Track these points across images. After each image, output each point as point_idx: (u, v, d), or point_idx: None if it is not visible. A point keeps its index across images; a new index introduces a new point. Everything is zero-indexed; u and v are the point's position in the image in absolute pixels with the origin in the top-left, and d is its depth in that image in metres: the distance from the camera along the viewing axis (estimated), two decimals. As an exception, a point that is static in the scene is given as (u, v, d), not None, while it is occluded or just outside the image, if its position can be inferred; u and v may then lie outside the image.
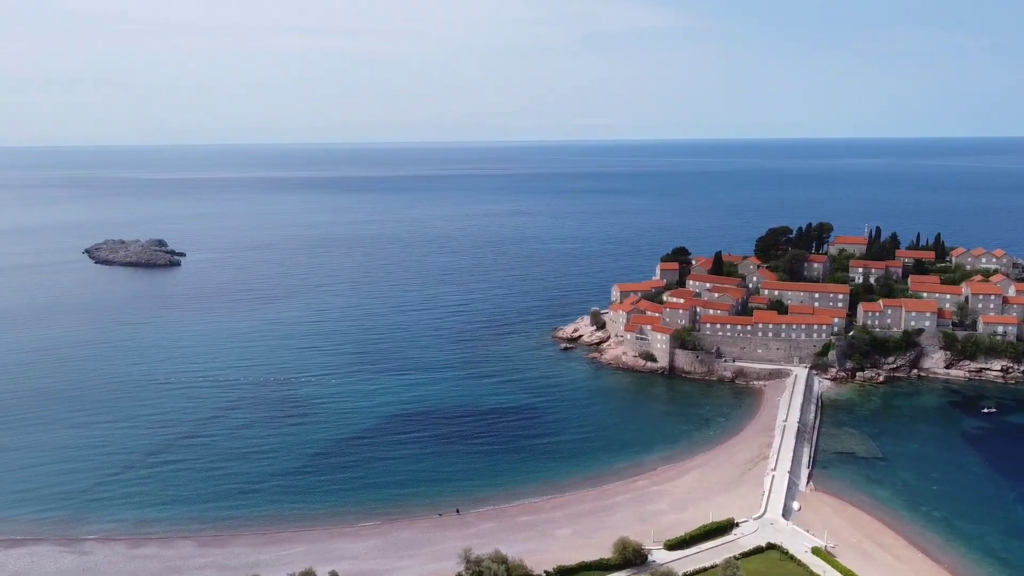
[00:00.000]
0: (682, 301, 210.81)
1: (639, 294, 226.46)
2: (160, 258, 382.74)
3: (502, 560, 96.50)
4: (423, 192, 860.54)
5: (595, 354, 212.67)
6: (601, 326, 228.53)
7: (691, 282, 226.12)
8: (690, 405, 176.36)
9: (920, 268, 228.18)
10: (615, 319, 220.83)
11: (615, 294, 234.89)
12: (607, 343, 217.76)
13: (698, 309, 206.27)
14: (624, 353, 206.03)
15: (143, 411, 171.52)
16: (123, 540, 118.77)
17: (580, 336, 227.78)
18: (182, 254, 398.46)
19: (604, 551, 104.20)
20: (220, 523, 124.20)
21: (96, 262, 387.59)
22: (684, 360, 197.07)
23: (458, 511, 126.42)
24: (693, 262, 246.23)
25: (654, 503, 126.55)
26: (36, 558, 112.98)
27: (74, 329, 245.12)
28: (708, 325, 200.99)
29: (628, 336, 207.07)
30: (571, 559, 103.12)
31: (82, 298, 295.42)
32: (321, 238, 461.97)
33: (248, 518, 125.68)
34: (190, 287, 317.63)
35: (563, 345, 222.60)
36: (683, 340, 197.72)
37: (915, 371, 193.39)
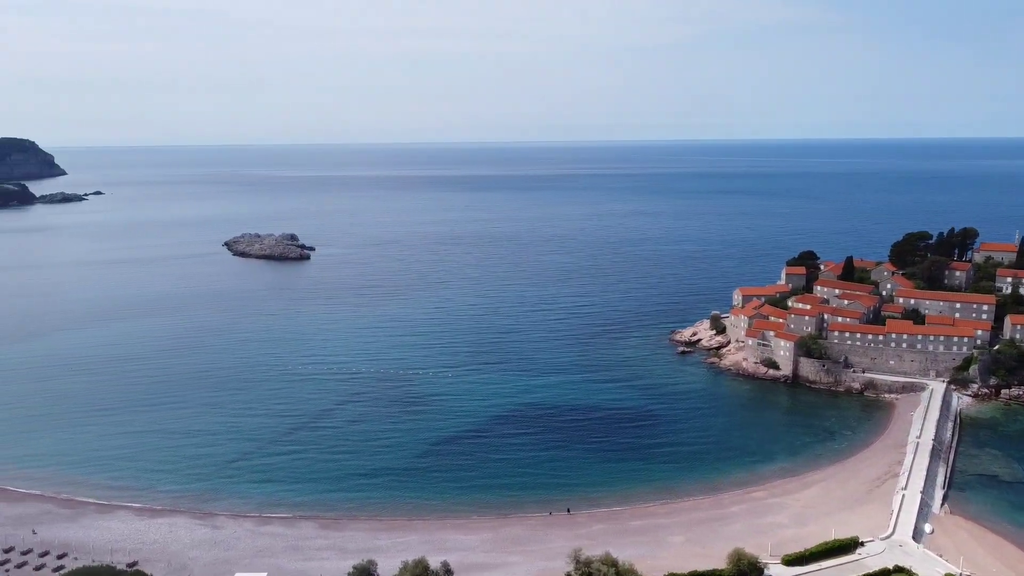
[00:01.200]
0: (809, 307, 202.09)
1: (762, 299, 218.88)
2: (291, 251, 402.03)
3: (612, 563, 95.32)
4: (543, 191, 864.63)
5: (714, 359, 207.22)
6: (721, 330, 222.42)
7: (819, 288, 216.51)
8: (814, 416, 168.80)
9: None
10: (736, 323, 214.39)
11: (737, 298, 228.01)
12: (727, 348, 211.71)
13: (826, 316, 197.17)
14: (745, 359, 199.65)
15: (272, 397, 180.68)
16: (251, 518, 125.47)
17: (699, 340, 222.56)
18: (312, 248, 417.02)
19: (717, 561, 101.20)
20: (339, 507, 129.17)
21: (234, 254, 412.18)
22: (809, 369, 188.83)
23: (569, 511, 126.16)
24: (821, 267, 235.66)
25: (772, 515, 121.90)
26: (174, 528, 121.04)
27: (213, 317, 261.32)
28: (836, 333, 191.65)
29: (750, 342, 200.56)
30: (683, 567, 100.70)
31: (221, 288, 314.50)
32: (443, 236, 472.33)
33: (365, 504, 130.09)
34: (317, 281, 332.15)
35: (681, 349, 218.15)
36: (808, 348, 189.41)
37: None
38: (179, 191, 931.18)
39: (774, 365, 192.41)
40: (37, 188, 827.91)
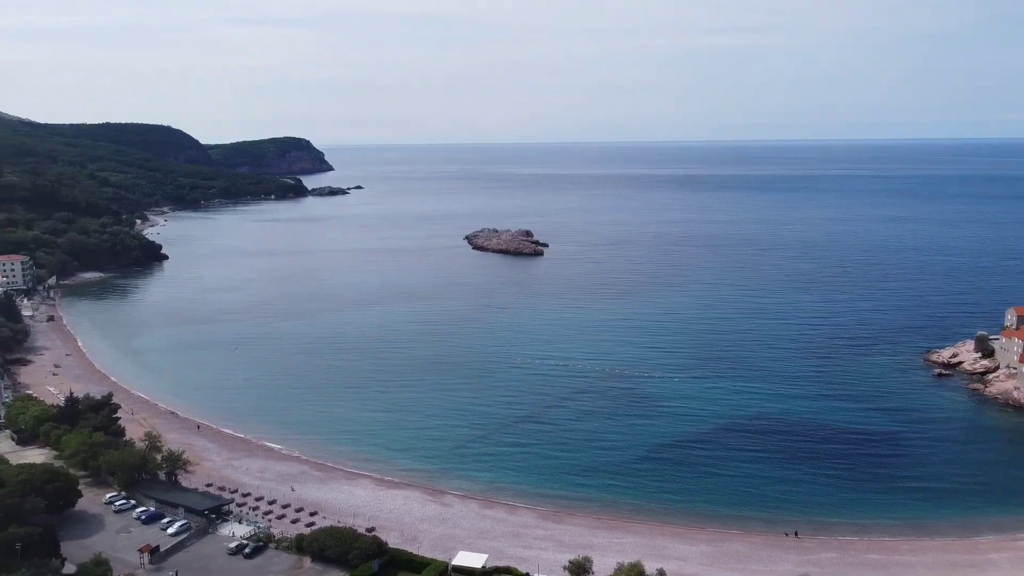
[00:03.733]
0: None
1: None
2: (526, 247, 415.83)
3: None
4: (786, 192, 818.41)
5: (978, 385, 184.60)
6: (988, 354, 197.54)
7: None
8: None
9: None
10: (1008, 347, 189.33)
11: (1010, 318, 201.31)
12: (995, 374, 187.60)
13: None
14: (1017, 388, 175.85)
15: (501, 387, 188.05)
16: (477, 500, 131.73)
17: (960, 363, 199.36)
18: (545, 245, 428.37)
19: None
20: (558, 500, 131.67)
21: (473, 248, 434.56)
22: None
23: (797, 534, 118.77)
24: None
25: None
26: (408, 501, 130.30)
27: (453, 307, 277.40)
28: None
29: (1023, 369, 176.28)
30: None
31: (461, 280, 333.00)
32: (677, 236, 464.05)
33: (584, 501, 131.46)
34: (549, 276, 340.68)
35: (937, 371, 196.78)
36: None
37: None
38: (427, 187, 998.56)
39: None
40: (309, 182, 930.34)
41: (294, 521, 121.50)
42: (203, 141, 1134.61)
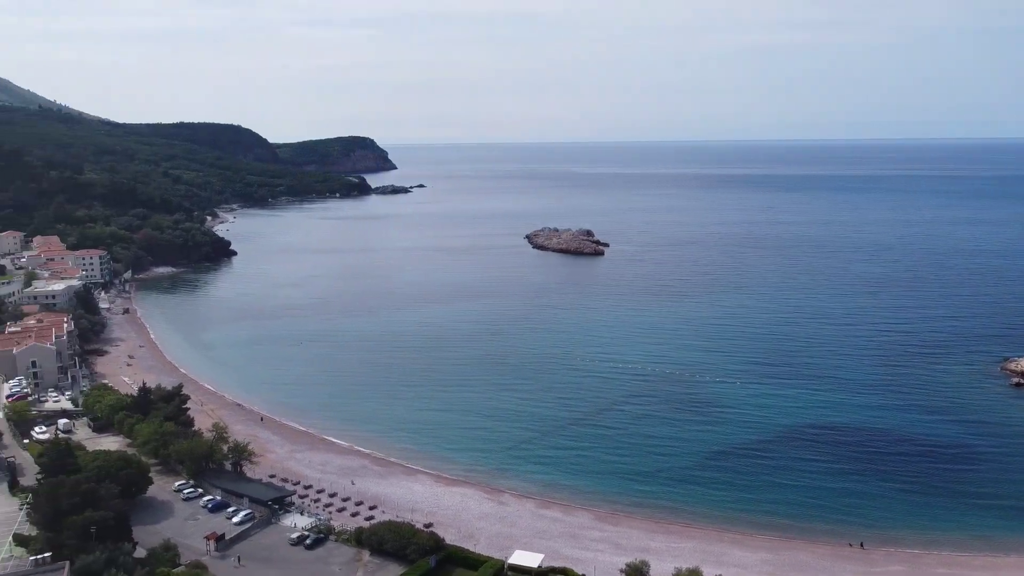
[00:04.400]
0: None
1: None
2: (586, 247, 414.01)
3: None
4: (856, 193, 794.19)
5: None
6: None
7: None
8: None
9: None
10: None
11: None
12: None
13: None
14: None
15: (558, 387, 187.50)
16: (533, 499, 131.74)
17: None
18: (606, 244, 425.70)
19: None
20: (615, 503, 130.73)
21: (533, 247, 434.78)
22: None
23: (863, 545, 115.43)
24: None
25: None
26: (465, 499, 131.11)
27: (512, 306, 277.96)
28: None
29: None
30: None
31: (520, 279, 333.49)
32: (741, 238, 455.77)
33: (641, 504, 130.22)
34: (609, 277, 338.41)
35: (1015, 380, 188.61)
36: None
37: None
38: (488, 185, 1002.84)
39: None
40: (373, 180, 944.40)
41: (354, 514, 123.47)
42: (271, 140, 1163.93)
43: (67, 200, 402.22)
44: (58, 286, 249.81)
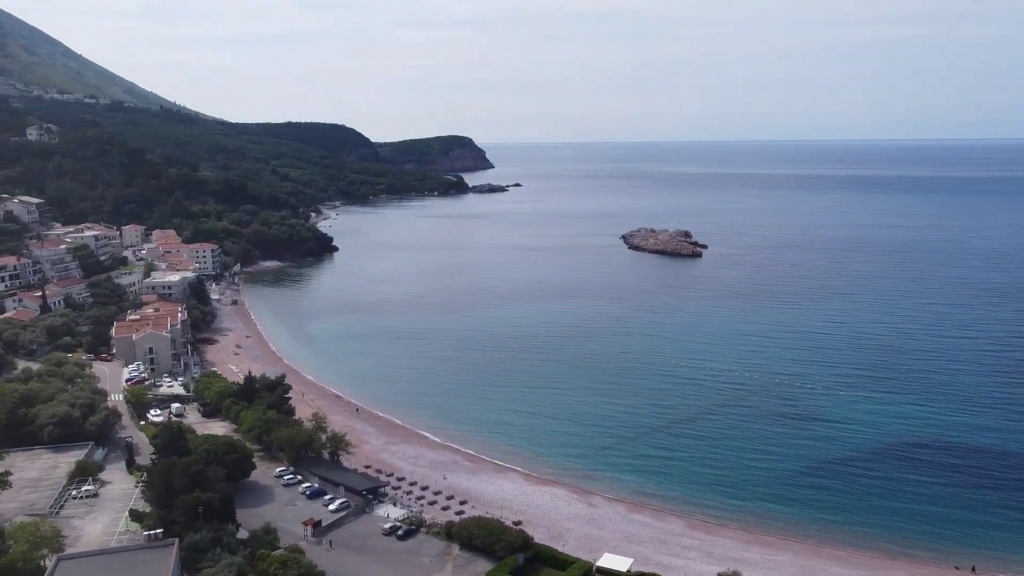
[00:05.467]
0: None
1: None
2: (684, 248, 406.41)
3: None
4: (982, 196, 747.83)
5: None
6: None
7: None
8: None
9: None
10: None
11: None
12: None
13: None
14: None
15: (650, 391, 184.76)
16: (624, 503, 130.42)
17: None
18: (704, 246, 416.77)
19: None
20: (708, 510, 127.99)
21: (629, 247, 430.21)
22: None
23: (974, 569, 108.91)
24: None
25: None
26: (554, 499, 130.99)
27: (606, 307, 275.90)
28: None
29: None
30: None
31: (615, 280, 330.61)
32: (848, 241, 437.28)
33: (735, 512, 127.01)
34: (706, 280, 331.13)
35: None
36: None
37: None
38: (586, 185, 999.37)
39: None
40: (471, 179, 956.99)
41: (444, 508, 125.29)
42: (373, 139, 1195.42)
43: (184, 196, 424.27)
44: (174, 277, 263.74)
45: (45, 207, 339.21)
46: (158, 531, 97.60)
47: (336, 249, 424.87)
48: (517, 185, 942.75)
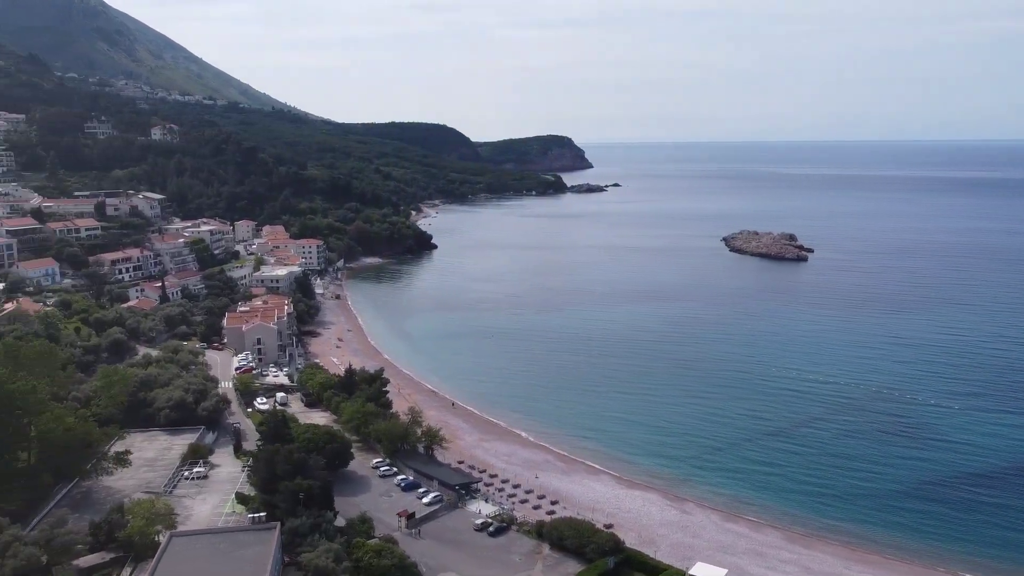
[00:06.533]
0: None
1: None
2: (788, 252, 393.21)
3: None
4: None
5: None
6: None
7: None
8: None
9: None
10: None
11: None
12: None
13: None
14: None
15: (749, 399, 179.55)
16: (718, 512, 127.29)
17: None
18: (810, 250, 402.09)
19: None
20: (808, 524, 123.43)
21: (730, 250, 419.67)
22: None
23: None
24: None
25: None
26: (647, 504, 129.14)
27: (703, 310, 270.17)
28: None
29: None
30: None
31: (714, 283, 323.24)
32: (968, 247, 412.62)
33: (837, 528, 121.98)
34: (812, 285, 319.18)
35: None
36: None
37: None
38: (688, 185, 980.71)
39: None
40: (569, 179, 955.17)
41: (535, 507, 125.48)
42: (474, 139, 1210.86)
43: (292, 193, 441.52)
44: (281, 271, 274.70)
45: (166, 203, 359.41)
46: (261, 514, 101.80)
47: (435, 247, 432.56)
48: (616, 185, 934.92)
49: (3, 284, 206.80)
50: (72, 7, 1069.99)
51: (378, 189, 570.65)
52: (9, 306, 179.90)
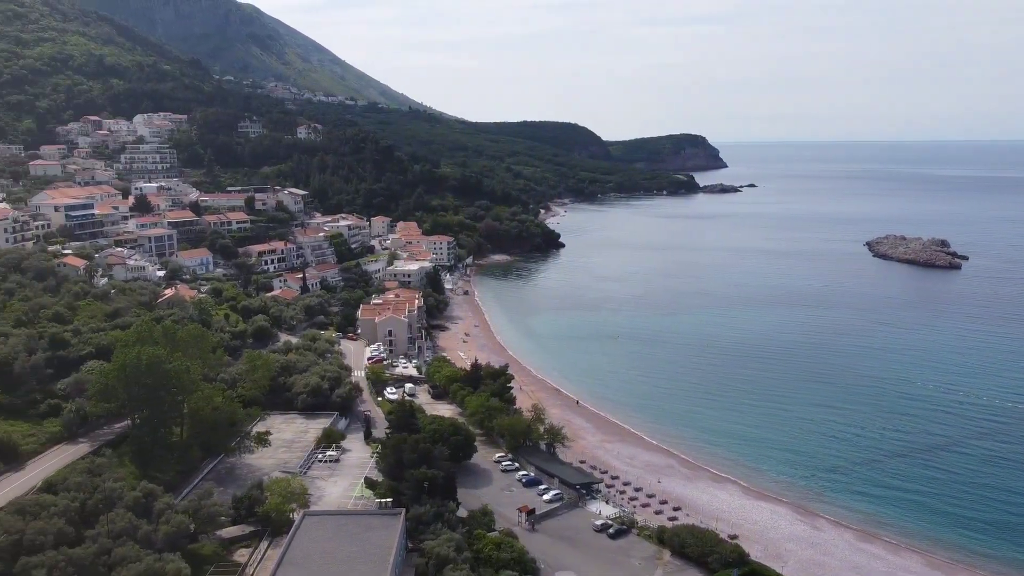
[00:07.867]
0: None
1: None
2: (939, 259, 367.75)
3: None
4: None
5: None
6: None
7: None
8: None
9: None
10: None
11: None
12: None
13: None
14: None
15: (890, 413, 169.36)
16: (852, 530, 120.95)
17: None
18: (964, 258, 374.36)
19: None
20: (952, 551, 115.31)
21: (874, 255, 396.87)
22: None
23: None
24: None
25: None
26: (775, 516, 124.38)
27: (844, 318, 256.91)
28: None
29: None
30: None
31: (857, 289, 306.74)
32: None
33: (987, 558, 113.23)
34: (966, 295, 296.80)
35: None
36: None
37: None
38: (828, 186, 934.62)
39: None
40: (702, 179, 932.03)
41: (657, 512, 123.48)
42: (605, 138, 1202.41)
43: (425, 191, 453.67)
44: (413, 266, 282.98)
45: (309, 198, 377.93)
46: (388, 500, 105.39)
47: (563, 245, 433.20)
48: (751, 186, 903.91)
49: (164, 271, 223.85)
50: (230, 15, 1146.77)
51: (508, 187, 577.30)
52: (169, 292, 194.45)
